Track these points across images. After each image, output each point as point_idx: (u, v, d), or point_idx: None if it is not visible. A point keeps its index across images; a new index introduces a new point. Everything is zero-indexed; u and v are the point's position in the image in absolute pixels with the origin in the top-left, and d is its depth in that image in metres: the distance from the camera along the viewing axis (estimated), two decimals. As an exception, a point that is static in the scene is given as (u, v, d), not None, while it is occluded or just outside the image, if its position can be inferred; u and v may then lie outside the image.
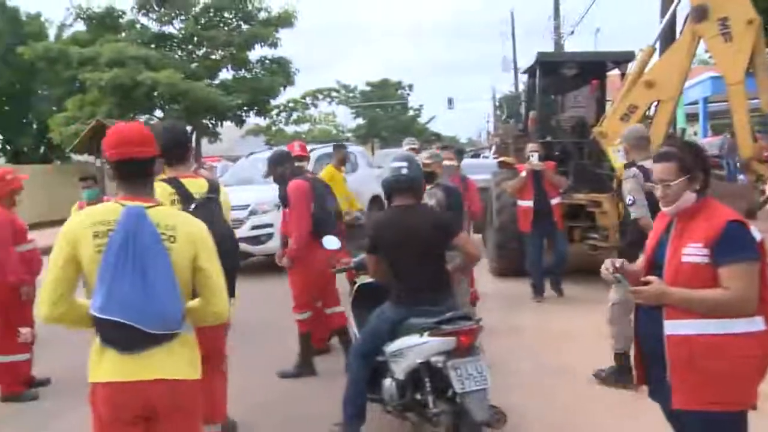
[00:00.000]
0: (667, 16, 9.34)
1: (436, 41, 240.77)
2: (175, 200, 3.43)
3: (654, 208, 5.09)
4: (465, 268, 4.64)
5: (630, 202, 5.11)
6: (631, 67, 8.94)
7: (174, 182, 3.52)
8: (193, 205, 3.40)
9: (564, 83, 10.21)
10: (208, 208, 3.43)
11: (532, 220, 8.06)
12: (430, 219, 4.03)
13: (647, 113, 8.51)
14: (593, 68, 10.03)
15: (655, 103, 8.37)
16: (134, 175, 2.62)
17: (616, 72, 10.42)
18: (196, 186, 3.60)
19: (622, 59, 9.68)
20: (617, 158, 8.11)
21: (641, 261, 3.25)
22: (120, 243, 2.46)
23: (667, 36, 9.54)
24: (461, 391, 3.54)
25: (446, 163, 7.26)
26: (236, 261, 3.78)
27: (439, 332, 3.64)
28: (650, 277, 2.93)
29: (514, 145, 9.45)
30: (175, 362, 2.57)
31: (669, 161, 2.94)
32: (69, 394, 5.50)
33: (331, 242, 4.93)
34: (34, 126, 29.36)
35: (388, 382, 4.05)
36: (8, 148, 29.68)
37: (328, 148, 12.27)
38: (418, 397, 3.88)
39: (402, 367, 3.88)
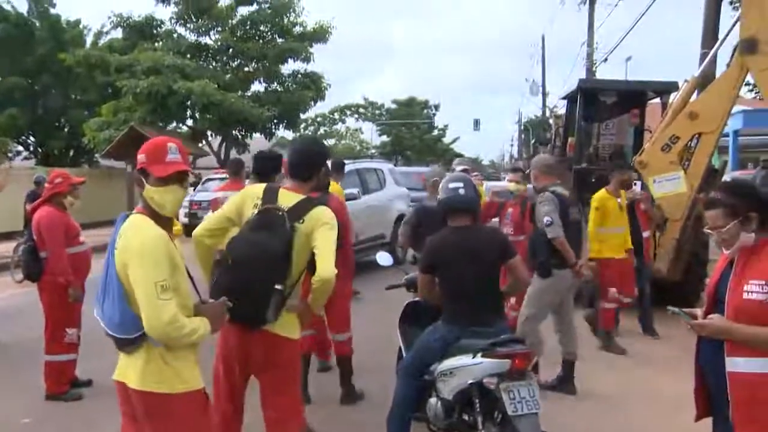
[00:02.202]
0: (716, 48, 9.29)
1: (464, 62, 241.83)
2: (257, 204, 3.37)
3: (568, 231, 5.48)
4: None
5: (548, 222, 5.45)
6: (674, 98, 8.92)
7: (268, 188, 3.47)
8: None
9: (603, 111, 10.20)
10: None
11: None
12: (490, 240, 4.05)
13: (688, 144, 8.47)
14: (634, 97, 10.02)
15: (697, 135, 8.34)
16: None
17: (655, 101, 10.41)
18: (286, 198, 3.51)
19: (664, 89, 9.64)
20: (657, 188, 8.09)
21: (704, 297, 3.23)
22: (109, 245, 2.71)
23: (705, 69, 9.50)
24: (513, 414, 3.51)
25: (513, 186, 7.37)
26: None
27: (494, 354, 3.63)
28: (712, 315, 2.92)
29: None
30: (142, 372, 2.63)
31: (716, 208, 2.94)
32: (111, 395, 5.55)
33: (383, 258, 4.94)
34: (66, 130, 29.83)
35: (433, 402, 4.04)
36: (40, 150, 30.14)
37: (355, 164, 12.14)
38: (466, 418, 3.86)
39: (450, 387, 3.86)
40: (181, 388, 2.65)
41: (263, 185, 3.52)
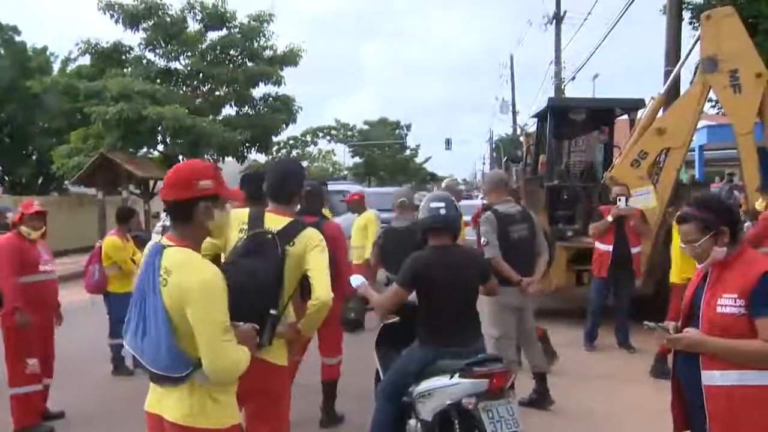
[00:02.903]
0: (678, 66, 9.52)
1: (435, 82, 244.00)
2: (243, 229, 3.36)
3: (510, 249, 5.46)
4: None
5: (484, 243, 5.52)
6: (641, 114, 9.09)
7: (252, 213, 3.47)
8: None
9: (573, 128, 10.34)
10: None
11: (608, 267, 7.59)
12: (470, 260, 4.07)
13: (657, 159, 8.61)
14: (602, 115, 10.19)
15: (665, 150, 8.49)
16: (170, 215, 2.66)
17: (623, 118, 10.60)
18: (273, 221, 3.51)
19: (631, 106, 9.83)
20: (628, 203, 8.20)
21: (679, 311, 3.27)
22: (139, 279, 2.57)
23: (670, 86, 9.72)
24: (493, 434, 3.51)
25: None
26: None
27: (471, 374, 3.62)
28: (687, 329, 2.96)
29: (526, 188, 9.52)
30: (183, 407, 2.54)
31: (688, 223, 2.99)
32: (84, 426, 5.44)
33: (354, 279, 4.90)
34: (34, 157, 29.45)
35: (413, 423, 4.02)
36: (6, 179, 29.69)
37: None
38: (446, 439, 3.84)
39: (429, 408, 3.85)
40: (228, 423, 2.61)
41: (246, 209, 3.50)
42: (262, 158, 30.90)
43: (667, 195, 8.41)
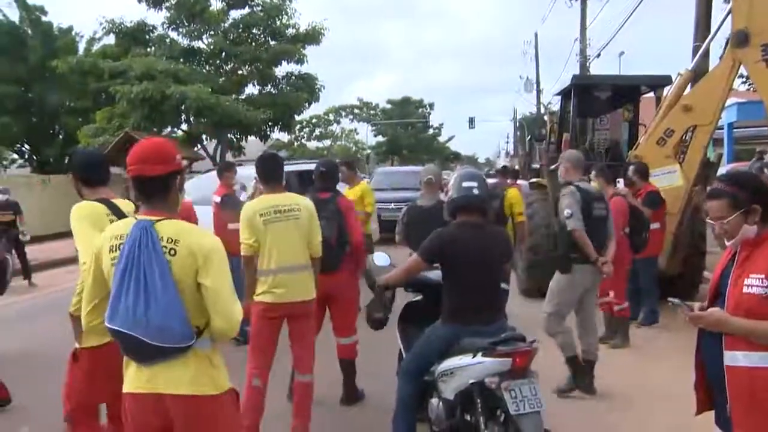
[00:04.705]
0: (708, 41, 9.31)
1: (458, 61, 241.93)
2: (113, 220, 3.34)
3: (591, 226, 5.47)
4: None
5: (568, 214, 5.48)
6: (668, 91, 8.93)
7: (106, 202, 3.48)
8: None
9: (598, 106, 10.20)
10: None
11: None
12: (497, 239, 4.05)
13: (683, 137, 8.48)
14: (628, 92, 10.03)
15: (692, 128, 8.36)
16: (148, 190, 2.66)
17: (649, 96, 10.42)
18: (125, 206, 3.54)
19: (657, 83, 9.65)
20: (655, 181, 8.09)
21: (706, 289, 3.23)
22: (126, 255, 2.51)
23: (699, 62, 9.53)
24: (516, 414, 3.49)
25: None
26: None
27: (494, 353, 3.61)
28: (712, 308, 2.91)
29: (549, 167, 9.43)
30: (189, 377, 2.57)
31: (719, 199, 2.91)
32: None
33: (380, 258, 4.90)
34: (61, 137, 29.78)
35: (435, 402, 4.03)
36: (34, 158, 30.08)
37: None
38: (468, 418, 3.85)
39: (452, 387, 3.85)
40: (227, 386, 2.68)
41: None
42: (284, 137, 31.00)
43: (693, 174, 8.29)
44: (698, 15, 12.38)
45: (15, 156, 31.26)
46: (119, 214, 3.36)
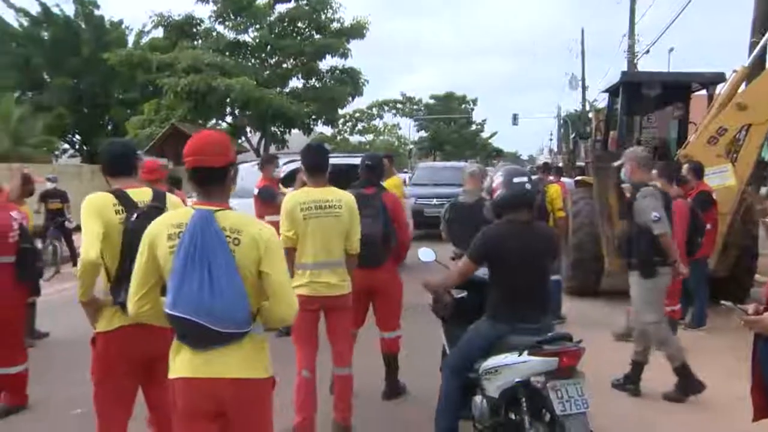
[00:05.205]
0: (766, 38, 9.04)
1: (502, 57, 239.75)
2: (119, 210, 3.40)
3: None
4: None
5: (656, 218, 5.23)
6: (721, 89, 8.71)
7: (117, 192, 3.50)
8: (135, 215, 3.35)
9: (647, 104, 9.99)
10: (151, 216, 3.28)
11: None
12: (545, 237, 4.00)
13: (736, 137, 8.26)
14: (678, 89, 9.79)
15: (746, 126, 8.13)
16: (206, 181, 2.72)
17: (699, 94, 10.16)
18: (141, 195, 3.54)
19: (710, 80, 9.40)
20: (705, 181, 7.91)
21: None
22: (187, 244, 2.57)
23: (756, 58, 9.26)
24: (562, 414, 3.44)
25: None
26: None
27: (541, 352, 3.56)
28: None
29: (596, 165, 9.28)
30: (244, 361, 2.66)
31: None
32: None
33: (425, 254, 4.87)
34: (110, 128, 30.46)
35: (478, 400, 4.00)
36: (85, 148, 30.83)
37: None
38: (512, 417, 3.81)
39: (496, 385, 3.80)
40: (272, 371, 2.79)
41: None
42: (328, 131, 31.16)
43: (746, 174, 8.08)
44: (757, 9, 12.01)
45: (66, 146, 32.09)
46: (128, 204, 3.41)
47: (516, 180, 3.96)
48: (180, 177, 8.75)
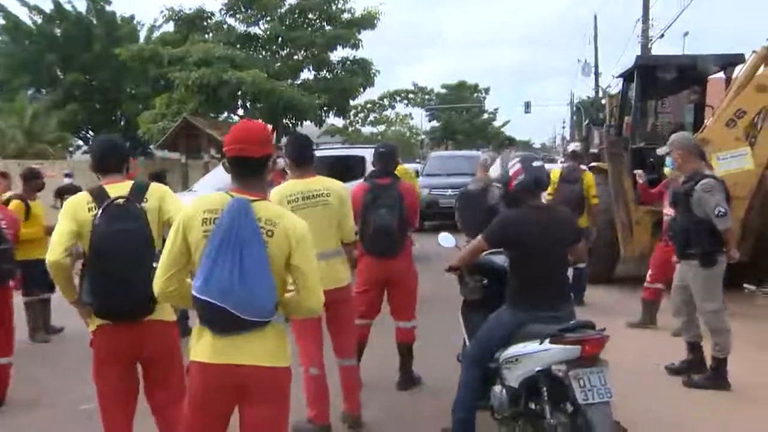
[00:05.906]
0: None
1: (513, 45, 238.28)
2: (92, 207, 3.36)
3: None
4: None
5: (722, 213, 5.18)
6: (740, 71, 8.56)
7: (95, 191, 3.46)
8: (100, 209, 3.31)
9: (662, 88, 9.86)
10: (124, 209, 3.34)
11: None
12: (566, 221, 3.95)
13: (755, 120, 8.12)
14: (694, 73, 9.63)
15: (765, 109, 7.99)
16: (246, 171, 2.76)
17: (716, 77, 9.99)
18: (119, 189, 3.46)
19: (728, 62, 9.23)
20: (721, 165, 7.79)
21: None
22: (223, 230, 2.60)
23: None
24: (584, 403, 3.38)
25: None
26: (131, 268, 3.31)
27: (563, 340, 3.49)
28: None
29: (610, 150, 9.17)
30: (265, 349, 2.69)
31: None
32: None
33: (445, 239, 4.80)
34: (122, 122, 30.59)
35: (498, 390, 3.95)
36: (98, 143, 30.97)
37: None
38: (533, 406, 3.76)
39: (516, 375, 3.76)
40: (291, 360, 2.82)
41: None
42: (339, 122, 31.10)
43: (766, 157, 7.94)
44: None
45: (80, 142, 32.26)
46: (102, 200, 3.37)
47: (535, 164, 3.92)
48: (164, 173, 8.60)
